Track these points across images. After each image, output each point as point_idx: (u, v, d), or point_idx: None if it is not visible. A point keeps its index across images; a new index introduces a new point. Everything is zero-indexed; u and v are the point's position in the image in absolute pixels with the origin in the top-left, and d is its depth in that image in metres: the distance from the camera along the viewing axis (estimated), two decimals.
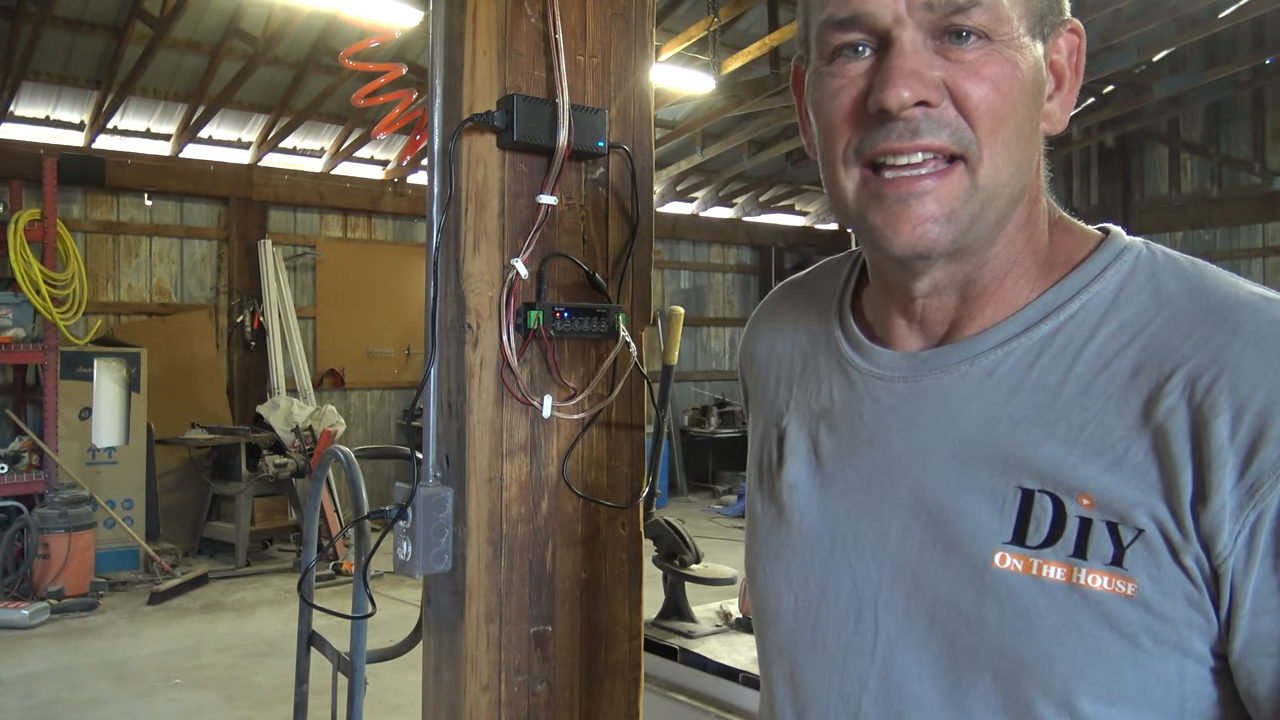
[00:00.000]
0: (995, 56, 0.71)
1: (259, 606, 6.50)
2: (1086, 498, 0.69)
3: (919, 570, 0.76)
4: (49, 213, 6.77)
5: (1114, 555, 0.68)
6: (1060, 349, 0.74)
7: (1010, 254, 0.78)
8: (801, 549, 0.84)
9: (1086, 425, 0.71)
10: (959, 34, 0.71)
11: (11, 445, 6.94)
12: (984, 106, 0.71)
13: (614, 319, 1.57)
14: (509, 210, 1.51)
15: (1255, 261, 10.58)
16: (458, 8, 1.49)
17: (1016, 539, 0.71)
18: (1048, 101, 0.77)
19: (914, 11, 0.70)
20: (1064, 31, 0.77)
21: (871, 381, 0.83)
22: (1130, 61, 8.87)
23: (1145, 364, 0.70)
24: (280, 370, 8.73)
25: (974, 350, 0.77)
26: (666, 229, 11.48)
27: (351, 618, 2.03)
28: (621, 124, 1.62)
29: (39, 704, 4.69)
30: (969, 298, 0.79)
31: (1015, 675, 0.71)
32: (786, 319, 0.95)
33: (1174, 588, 0.67)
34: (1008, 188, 0.74)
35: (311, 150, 9.33)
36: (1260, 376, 0.65)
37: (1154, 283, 0.73)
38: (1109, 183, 11.58)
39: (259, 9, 7.26)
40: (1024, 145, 0.74)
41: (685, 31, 8.09)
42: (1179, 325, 0.70)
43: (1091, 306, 0.74)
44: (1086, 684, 0.69)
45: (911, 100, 0.70)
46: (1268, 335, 0.66)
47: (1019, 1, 0.72)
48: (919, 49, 0.71)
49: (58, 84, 7.79)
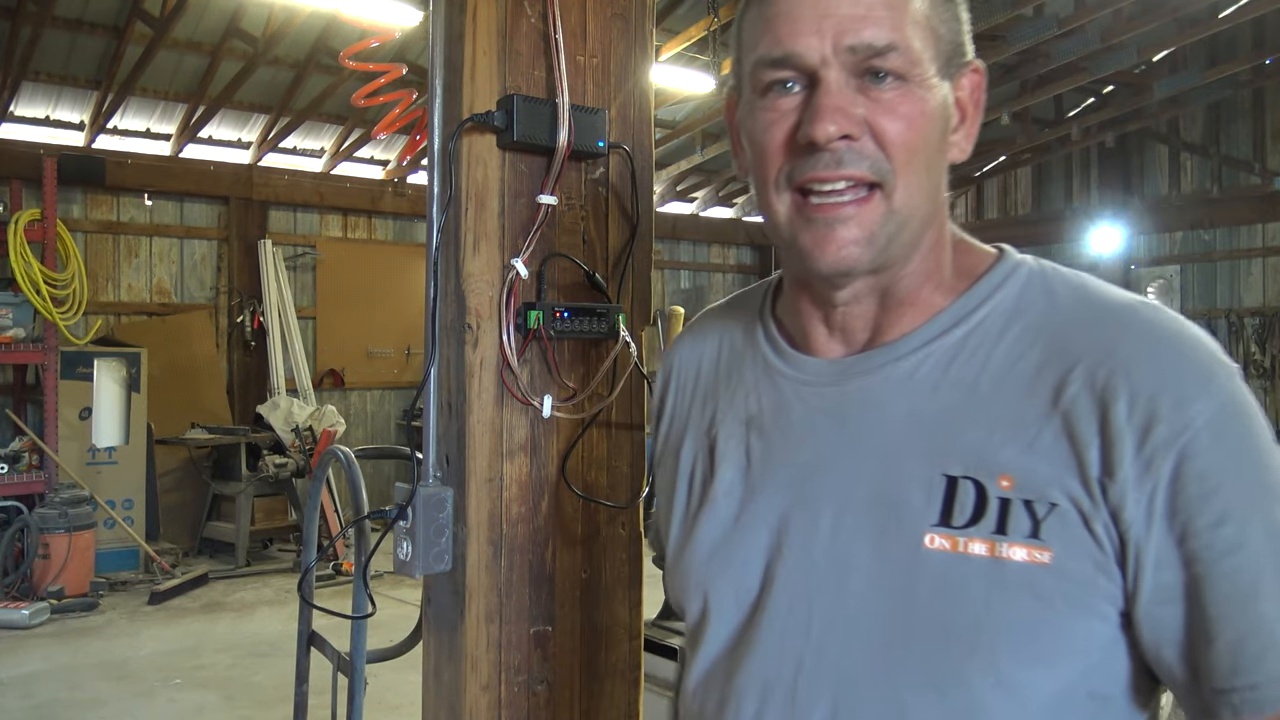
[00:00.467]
0: (909, 96, 0.80)
1: (259, 606, 6.50)
2: (1006, 479, 0.78)
3: (852, 557, 0.82)
4: (49, 213, 6.76)
5: (1031, 529, 0.76)
6: (973, 350, 0.83)
7: (924, 269, 0.86)
8: (739, 546, 0.90)
9: (1002, 415, 0.80)
10: (877, 75, 0.80)
11: (11, 445, 6.94)
12: (899, 141, 0.80)
13: (614, 319, 1.58)
14: (509, 210, 1.51)
15: (1255, 261, 10.58)
16: (458, 8, 1.49)
17: (943, 521, 0.79)
18: (953, 133, 0.86)
19: (838, 54, 0.79)
20: (967, 71, 0.87)
21: (799, 387, 0.90)
22: (1130, 61, 8.87)
23: (1049, 360, 0.80)
24: (280, 370, 8.73)
25: (896, 354, 0.86)
26: (666, 229, 11.49)
27: (351, 618, 2.03)
28: (621, 124, 1.62)
29: (39, 704, 4.69)
30: (888, 307, 0.87)
31: (945, 646, 0.78)
32: (709, 341, 1.02)
33: (1084, 554, 0.76)
34: (920, 211, 0.83)
35: (311, 150, 9.33)
36: (1148, 368, 0.76)
37: (1048, 291, 0.84)
38: (1109, 183, 11.58)
39: (259, 9, 7.26)
40: (933, 173, 0.84)
41: (685, 31, 8.09)
42: (1075, 326, 0.81)
43: (997, 312, 0.84)
44: (1010, 648, 0.76)
45: (837, 134, 0.79)
46: (1148, 334, 0.78)
47: (929, 46, 0.81)
48: (843, 88, 0.79)
49: (58, 84, 7.78)
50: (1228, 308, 10.67)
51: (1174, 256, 11.18)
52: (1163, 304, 0.82)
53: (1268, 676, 0.73)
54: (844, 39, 0.79)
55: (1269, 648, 0.73)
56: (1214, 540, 0.73)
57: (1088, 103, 10.71)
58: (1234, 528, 0.73)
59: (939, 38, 0.82)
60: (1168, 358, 0.76)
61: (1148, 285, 11.37)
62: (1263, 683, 0.73)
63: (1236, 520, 0.73)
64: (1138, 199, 11.40)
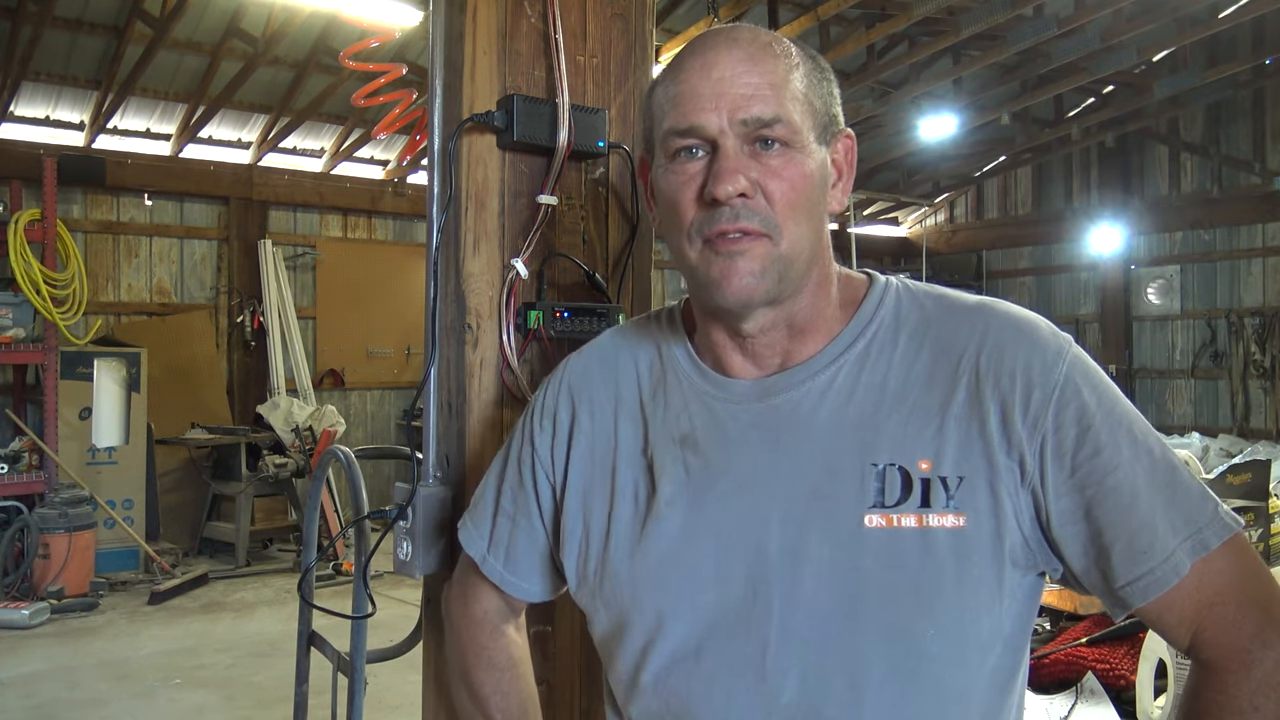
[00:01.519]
0: (791, 161, 0.96)
1: (259, 606, 6.50)
2: (924, 462, 0.94)
3: (801, 544, 0.95)
4: (49, 213, 6.76)
5: (947, 500, 0.93)
6: (875, 359, 1.00)
7: (816, 303, 1.02)
8: (689, 551, 1.00)
9: (912, 409, 0.96)
10: (766, 142, 0.96)
11: (11, 445, 6.94)
12: (784, 200, 0.96)
13: (614, 319, 1.58)
14: (509, 210, 1.51)
15: (1255, 261, 10.57)
16: (458, 8, 1.49)
17: (877, 503, 0.94)
18: (832, 189, 1.02)
19: (734, 126, 0.95)
20: (842, 137, 1.04)
21: (729, 405, 1.03)
22: (1130, 61, 8.87)
23: (938, 357, 0.98)
24: (280, 370, 8.73)
25: (811, 371, 1.01)
26: None
27: (351, 618, 2.03)
28: (621, 124, 1.62)
29: (39, 704, 4.69)
30: (794, 336, 1.02)
31: (893, 605, 0.93)
32: (622, 368, 1.12)
33: (991, 515, 0.93)
34: (803, 254, 0.98)
35: (311, 150, 9.33)
36: (1018, 351, 0.95)
37: (917, 303, 1.02)
38: (1109, 183, 11.57)
39: (259, 9, 7.26)
40: (814, 223, 0.99)
41: (685, 31, 8.09)
42: (948, 326, 0.99)
43: (885, 325, 1.01)
44: (943, 601, 0.92)
45: (735, 192, 0.94)
46: (1007, 323, 0.98)
47: (807, 117, 0.97)
48: (738, 153, 0.95)
49: (58, 84, 7.78)
50: (1228, 308, 10.68)
51: (1174, 256, 11.18)
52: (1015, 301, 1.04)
53: (1159, 559, 0.90)
54: (737, 114, 0.95)
55: (1154, 537, 0.90)
56: (1094, 467, 0.91)
57: (1088, 103, 10.70)
58: (1109, 453, 0.92)
59: (815, 110, 0.98)
60: (1027, 340, 0.96)
61: (1148, 285, 11.37)
62: (1156, 565, 0.90)
63: (1109, 447, 0.92)
64: (1138, 199, 11.39)
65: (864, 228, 12.51)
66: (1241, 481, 2.25)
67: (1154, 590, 0.90)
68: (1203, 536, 0.90)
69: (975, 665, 0.94)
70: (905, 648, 0.93)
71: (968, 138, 10.81)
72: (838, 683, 0.94)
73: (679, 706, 0.99)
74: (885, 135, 10.63)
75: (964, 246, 13.01)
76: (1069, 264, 11.99)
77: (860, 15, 8.13)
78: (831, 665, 0.94)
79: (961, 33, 8.02)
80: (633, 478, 1.06)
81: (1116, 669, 1.81)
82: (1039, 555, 0.95)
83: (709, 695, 0.97)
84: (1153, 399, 11.35)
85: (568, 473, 1.10)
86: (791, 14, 8.25)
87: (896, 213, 13.37)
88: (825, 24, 8.09)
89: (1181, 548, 0.90)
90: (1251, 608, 0.91)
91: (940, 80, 9.35)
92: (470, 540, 1.18)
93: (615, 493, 1.07)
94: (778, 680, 0.95)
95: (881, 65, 8.91)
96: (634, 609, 1.02)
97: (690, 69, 0.98)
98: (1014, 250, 12.60)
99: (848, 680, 0.93)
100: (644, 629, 1.02)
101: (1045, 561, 0.96)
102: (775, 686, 0.95)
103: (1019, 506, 0.93)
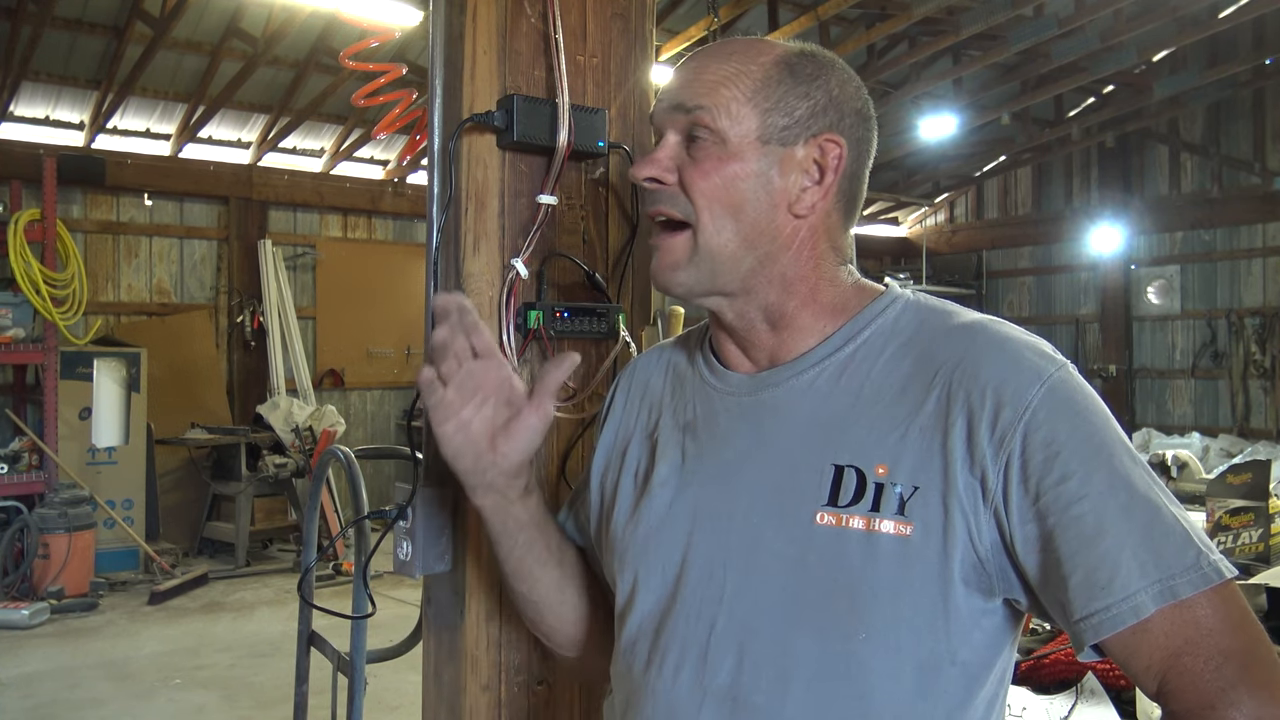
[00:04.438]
0: (712, 155, 1.01)
1: (259, 606, 6.50)
2: (881, 467, 0.95)
3: (758, 534, 0.99)
4: (49, 213, 6.76)
5: (898, 507, 0.93)
6: (859, 364, 1.01)
7: (794, 299, 1.04)
8: (668, 529, 1.06)
9: (880, 416, 0.97)
10: (694, 139, 1.02)
11: (11, 445, 6.94)
12: (700, 191, 1.00)
13: (614, 319, 1.58)
14: (509, 210, 1.51)
15: (1255, 262, 10.57)
16: (458, 8, 1.49)
17: (831, 501, 0.96)
18: (803, 191, 1.02)
19: (675, 122, 1.03)
20: (820, 140, 1.03)
21: (724, 397, 1.08)
22: (1130, 61, 8.87)
23: (917, 370, 0.98)
24: (280, 370, 8.73)
25: (796, 370, 1.04)
26: None
27: (351, 618, 2.03)
28: (621, 124, 1.62)
29: (39, 704, 4.69)
30: (776, 331, 1.05)
31: (829, 602, 0.94)
32: (660, 364, 1.21)
33: (939, 529, 0.92)
34: (730, 248, 1.01)
35: (311, 150, 9.33)
36: (992, 369, 0.94)
37: (919, 316, 1.03)
38: (1109, 183, 11.57)
39: (259, 9, 7.26)
40: (749, 220, 1.01)
41: (685, 31, 8.09)
42: (936, 342, 0.99)
43: (878, 334, 1.02)
44: (878, 606, 0.92)
45: (645, 176, 1.02)
46: (991, 343, 0.96)
47: (749, 116, 1.01)
48: (671, 145, 1.03)
49: (58, 84, 7.78)
50: (1228, 308, 10.67)
51: (1174, 256, 11.18)
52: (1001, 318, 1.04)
53: (1117, 597, 0.86)
54: (674, 99, 1.03)
55: (1115, 573, 0.87)
56: (1059, 494, 0.89)
57: (1088, 103, 10.70)
58: (1076, 482, 0.88)
59: (763, 110, 1.01)
60: (1008, 359, 0.94)
61: (1148, 285, 11.37)
62: (1114, 603, 0.87)
63: (1078, 476, 0.89)
64: (1138, 199, 11.39)
65: (864, 228, 12.50)
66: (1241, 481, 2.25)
67: (1108, 628, 0.87)
68: (1174, 583, 0.86)
69: (912, 684, 0.93)
70: (836, 649, 0.93)
71: (968, 138, 10.82)
72: (767, 673, 0.96)
73: (638, 673, 1.04)
74: (885, 135, 10.62)
75: (964, 246, 13.01)
76: (1069, 264, 11.99)
77: (860, 15, 8.13)
78: (764, 655, 0.96)
79: (961, 33, 8.03)
80: (637, 456, 1.14)
81: (1116, 669, 1.81)
82: (999, 581, 0.93)
83: (663, 666, 1.02)
84: (1153, 399, 11.35)
85: (596, 448, 1.22)
86: (791, 14, 8.25)
87: (896, 213, 13.37)
88: (825, 24, 8.09)
89: (1147, 590, 0.86)
90: (1225, 663, 0.85)
91: (940, 80, 9.35)
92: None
93: (622, 468, 1.15)
94: (716, 662, 0.98)
95: (881, 65, 8.92)
96: (620, 576, 1.10)
97: (675, 73, 1.07)
98: (1014, 250, 12.59)
99: (777, 672, 0.95)
100: (624, 595, 1.09)
101: (1007, 588, 0.93)
102: (715, 667, 0.98)
103: (975, 525, 0.91)
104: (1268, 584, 1.92)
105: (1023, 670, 1.84)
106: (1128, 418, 11.15)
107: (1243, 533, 2.22)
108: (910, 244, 13.47)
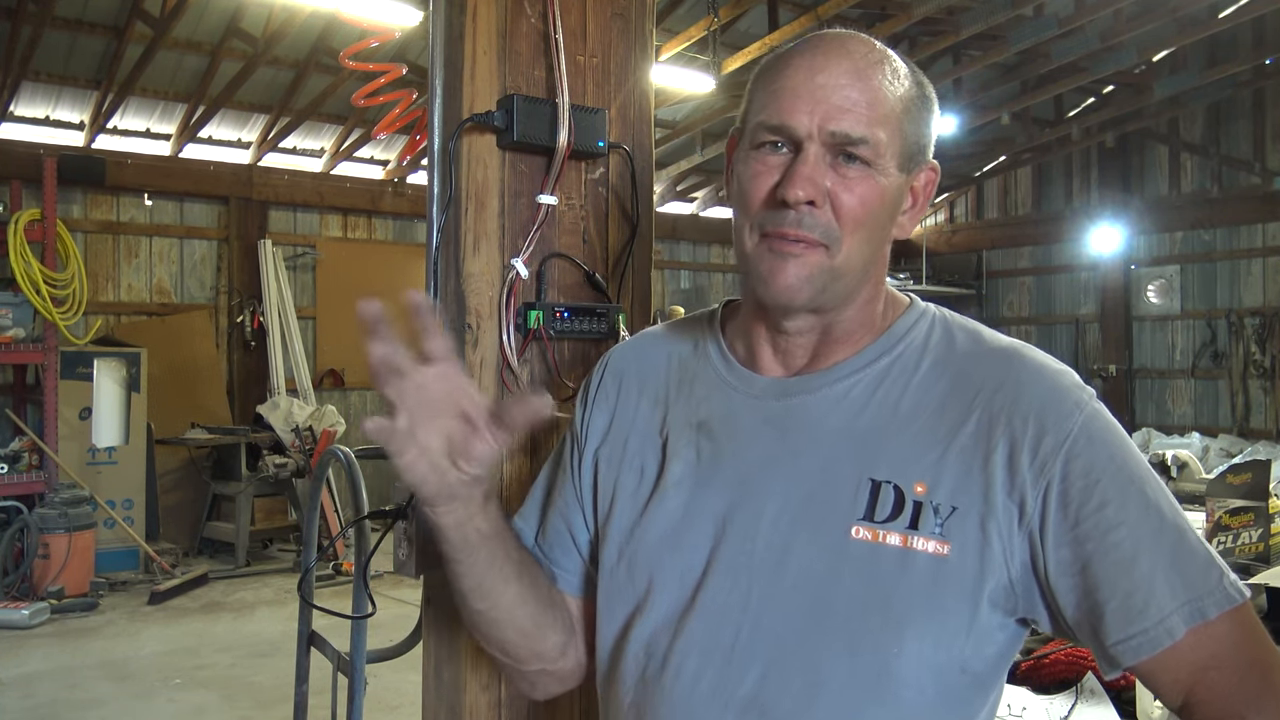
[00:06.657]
0: (867, 179, 0.97)
1: (259, 606, 6.50)
2: (920, 485, 0.95)
3: (788, 543, 0.97)
4: (49, 213, 6.76)
5: (936, 527, 0.93)
6: (895, 378, 1.01)
7: (860, 317, 1.04)
8: (687, 531, 1.03)
9: (919, 433, 0.97)
10: (849, 157, 0.97)
11: (11, 445, 6.94)
12: (850, 215, 0.97)
13: (614, 319, 1.58)
14: (509, 210, 1.51)
15: (1255, 262, 10.57)
16: (458, 8, 1.49)
17: (867, 516, 0.95)
18: (902, 215, 1.04)
19: (821, 134, 0.96)
20: (925, 169, 1.05)
21: (748, 399, 1.06)
22: (1130, 61, 8.87)
23: (955, 389, 0.98)
24: (280, 370, 8.73)
25: (832, 378, 1.03)
26: (666, 229, 11.48)
27: (351, 618, 2.03)
28: (621, 124, 1.62)
29: (39, 704, 4.69)
30: (826, 342, 1.04)
31: (862, 618, 0.94)
32: (657, 353, 1.17)
33: (976, 551, 0.93)
34: (855, 270, 1.00)
35: (311, 150, 9.33)
36: (1035, 395, 0.95)
37: (948, 334, 1.03)
38: (1109, 183, 11.57)
39: (259, 9, 7.26)
40: (874, 243, 1.01)
41: (685, 31, 8.09)
42: (972, 362, 1.00)
43: (911, 349, 1.02)
44: (912, 623, 0.93)
45: (804, 199, 0.96)
46: (1031, 370, 0.98)
47: (894, 142, 0.98)
48: (818, 161, 0.97)
49: (58, 84, 7.78)
50: (1228, 308, 10.67)
51: (1174, 256, 11.18)
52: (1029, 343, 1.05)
53: (1152, 620, 0.89)
54: (828, 124, 0.96)
55: (1150, 598, 0.89)
56: (1099, 521, 0.91)
57: (1088, 103, 10.70)
58: (1114, 509, 0.91)
59: (904, 138, 0.99)
60: (1048, 386, 0.96)
61: (1148, 285, 11.37)
62: (1150, 627, 0.89)
63: (1115, 503, 0.91)
64: (1138, 199, 11.39)
65: None
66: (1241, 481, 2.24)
67: (1145, 651, 0.90)
68: (1202, 605, 0.90)
69: (934, 693, 0.94)
70: (868, 661, 0.93)
71: (968, 138, 10.81)
72: (795, 683, 0.95)
73: (653, 678, 1.02)
74: None
75: (964, 246, 13.01)
76: (1069, 264, 11.98)
77: (860, 15, 8.13)
78: (792, 665, 0.95)
79: (961, 33, 8.03)
80: (641, 454, 1.11)
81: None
82: (1023, 601, 0.95)
83: (680, 672, 1.00)
84: (1152, 399, 11.35)
85: (587, 437, 1.16)
86: (791, 14, 8.26)
87: None
88: (825, 24, 8.08)
89: (1178, 613, 0.89)
90: (1249, 675, 0.90)
91: (940, 80, 9.35)
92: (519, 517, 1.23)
93: (623, 463, 1.12)
94: (741, 670, 0.97)
95: None
96: (626, 577, 1.07)
97: (797, 68, 0.99)
98: (1014, 250, 12.59)
99: (805, 682, 0.95)
100: (634, 597, 1.06)
101: (1029, 608, 0.95)
102: (738, 675, 0.97)
103: (1009, 548, 0.93)
104: (1268, 584, 1.92)
105: (1023, 670, 1.84)
106: (1128, 418, 11.14)
107: (1243, 533, 2.22)
108: (910, 244, 13.46)
